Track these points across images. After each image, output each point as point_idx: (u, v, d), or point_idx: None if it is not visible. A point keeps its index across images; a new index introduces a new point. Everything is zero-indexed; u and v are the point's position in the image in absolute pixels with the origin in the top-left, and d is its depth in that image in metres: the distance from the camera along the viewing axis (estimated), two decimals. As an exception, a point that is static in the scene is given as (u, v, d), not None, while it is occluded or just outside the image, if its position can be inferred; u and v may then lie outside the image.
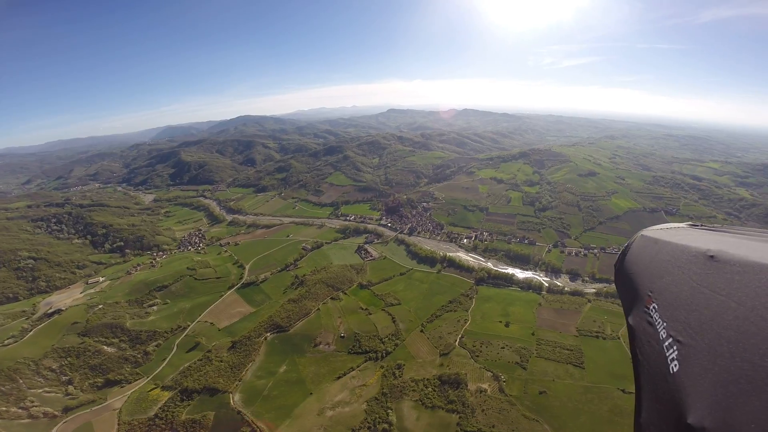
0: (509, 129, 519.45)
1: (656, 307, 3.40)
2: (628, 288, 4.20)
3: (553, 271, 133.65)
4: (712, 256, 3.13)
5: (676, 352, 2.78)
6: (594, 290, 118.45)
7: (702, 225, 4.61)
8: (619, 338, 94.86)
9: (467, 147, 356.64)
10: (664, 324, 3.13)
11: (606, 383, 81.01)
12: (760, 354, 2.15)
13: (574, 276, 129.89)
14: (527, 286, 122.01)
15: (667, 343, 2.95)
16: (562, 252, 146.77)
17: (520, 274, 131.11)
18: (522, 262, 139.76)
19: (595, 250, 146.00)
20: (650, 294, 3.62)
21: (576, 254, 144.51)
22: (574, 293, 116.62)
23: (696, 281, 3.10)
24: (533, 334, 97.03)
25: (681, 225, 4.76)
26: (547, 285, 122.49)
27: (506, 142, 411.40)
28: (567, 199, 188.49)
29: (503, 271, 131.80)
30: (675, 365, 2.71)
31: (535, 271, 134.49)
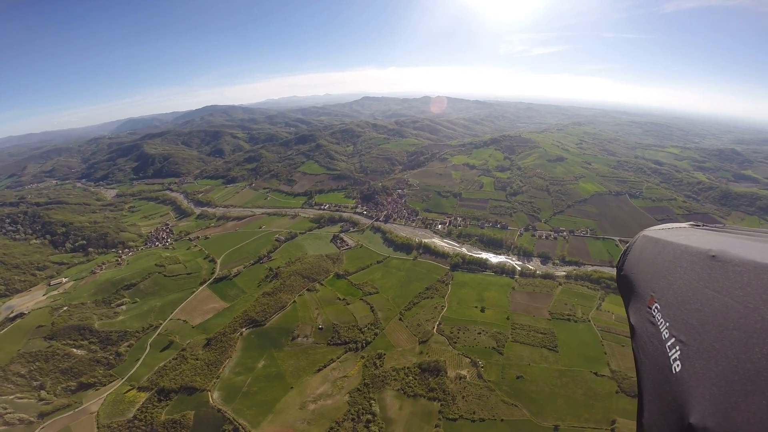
0: (481, 116, 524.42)
1: (658, 306, 3.39)
2: (630, 288, 4.20)
3: (525, 254, 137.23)
4: (713, 256, 3.12)
5: (678, 352, 2.79)
6: (564, 273, 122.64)
7: (704, 225, 4.57)
8: (589, 321, 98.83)
9: (440, 134, 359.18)
10: (667, 324, 3.12)
11: (579, 366, 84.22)
12: (762, 354, 2.17)
13: (545, 259, 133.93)
14: (501, 270, 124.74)
15: (669, 343, 2.94)
16: (533, 235, 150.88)
17: (494, 258, 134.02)
18: (495, 246, 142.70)
19: (564, 233, 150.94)
20: (652, 294, 3.61)
21: (546, 237, 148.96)
22: (546, 276, 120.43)
23: (698, 281, 3.09)
24: (508, 319, 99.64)
25: (683, 225, 4.72)
26: (519, 269, 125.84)
27: (478, 128, 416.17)
28: (537, 184, 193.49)
29: (477, 256, 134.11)
30: (677, 365, 2.71)
31: (508, 255, 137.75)
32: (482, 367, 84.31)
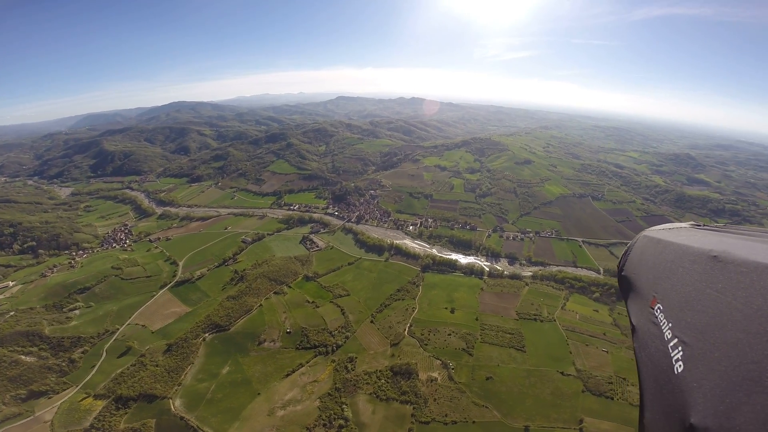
0: (453, 118, 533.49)
1: (661, 307, 3.38)
2: (632, 288, 4.20)
3: (493, 255, 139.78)
4: (715, 257, 3.12)
5: (680, 353, 2.80)
6: (530, 273, 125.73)
7: (704, 225, 4.48)
8: (554, 320, 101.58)
9: (414, 135, 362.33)
10: (669, 324, 3.11)
11: (546, 366, 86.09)
12: (765, 355, 2.18)
13: (512, 260, 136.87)
14: (470, 271, 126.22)
15: (672, 344, 2.95)
16: (501, 236, 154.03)
17: (463, 259, 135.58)
18: (464, 247, 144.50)
19: (531, 234, 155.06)
20: (655, 295, 3.59)
21: (513, 238, 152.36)
22: (513, 277, 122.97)
23: (701, 282, 3.09)
24: (477, 320, 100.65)
25: (683, 225, 4.67)
26: (488, 269, 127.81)
27: (450, 130, 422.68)
28: (505, 186, 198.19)
29: (447, 257, 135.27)
30: (680, 366, 2.73)
31: (477, 256, 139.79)
32: (453, 368, 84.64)
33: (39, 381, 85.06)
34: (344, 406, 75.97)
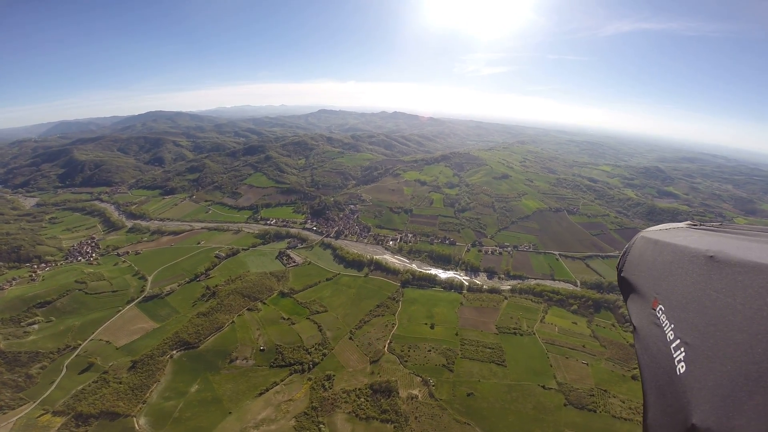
0: (433, 133, 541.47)
1: (663, 308, 3.36)
2: (632, 289, 4.19)
3: (472, 269, 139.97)
4: (712, 257, 3.12)
5: (683, 354, 2.80)
6: (509, 287, 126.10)
7: (701, 225, 4.38)
8: (534, 334, 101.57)
9: (395, 149, 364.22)
10: (672, 326, 3.12)
11: (527, 380, 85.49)
12: (765, 356, 2.20)
13: (491, 274, 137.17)
14: (449, 285, 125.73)
15: (674, 345, 2.96)
16: (480, 251, 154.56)
17: (443, 274, 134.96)
18: (444, 262, 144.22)
19: (509, 248, 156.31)
20: (656, 296, 3.58)
21: (492, 253, 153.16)
22: (492, 291, 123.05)
23: (700, 283, 3.09)
24: (457, 335, 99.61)
25: (680, 225, 4.60)
26: (467, 284, 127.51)
27: (430, 145, 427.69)
28: (483, 201, 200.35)
29: (427, 272, 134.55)
30: (682, 367, 2.73)
31: (456, 270, 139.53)
32: (433, 385, 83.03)
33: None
34: (321, 425, 73.57)
